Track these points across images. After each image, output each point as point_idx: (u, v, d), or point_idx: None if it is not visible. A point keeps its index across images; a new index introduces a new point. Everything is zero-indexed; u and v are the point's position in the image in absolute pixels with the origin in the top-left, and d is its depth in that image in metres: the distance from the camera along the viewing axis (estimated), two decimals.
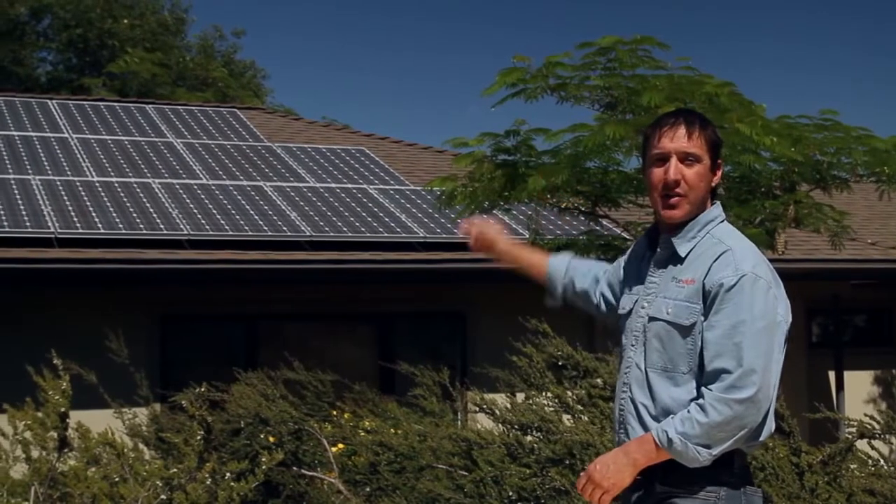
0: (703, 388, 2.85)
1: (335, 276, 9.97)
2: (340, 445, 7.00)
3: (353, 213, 10.67)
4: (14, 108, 13.28)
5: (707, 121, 3.07)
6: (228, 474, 5.64)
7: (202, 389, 6.18)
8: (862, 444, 4.93)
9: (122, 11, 28.14)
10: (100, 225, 9.44)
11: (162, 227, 9.60)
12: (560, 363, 5.60)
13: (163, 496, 5.34)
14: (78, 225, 9.38)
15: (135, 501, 5.22)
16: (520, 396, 5.70)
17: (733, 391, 2.80)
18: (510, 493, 5.14)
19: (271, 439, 7.02)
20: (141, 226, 9.56)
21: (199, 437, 5.71)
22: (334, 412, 7.51)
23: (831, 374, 12.26)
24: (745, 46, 55.58)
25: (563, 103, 7.51)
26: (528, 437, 5.29)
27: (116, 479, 5.54)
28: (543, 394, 5.48)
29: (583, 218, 8.27)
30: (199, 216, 9.99)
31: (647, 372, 2.98)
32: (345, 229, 10.18)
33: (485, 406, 5.49)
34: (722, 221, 3.04)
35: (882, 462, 5.00)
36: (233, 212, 10.23)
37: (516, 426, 5.36)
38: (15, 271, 8.96)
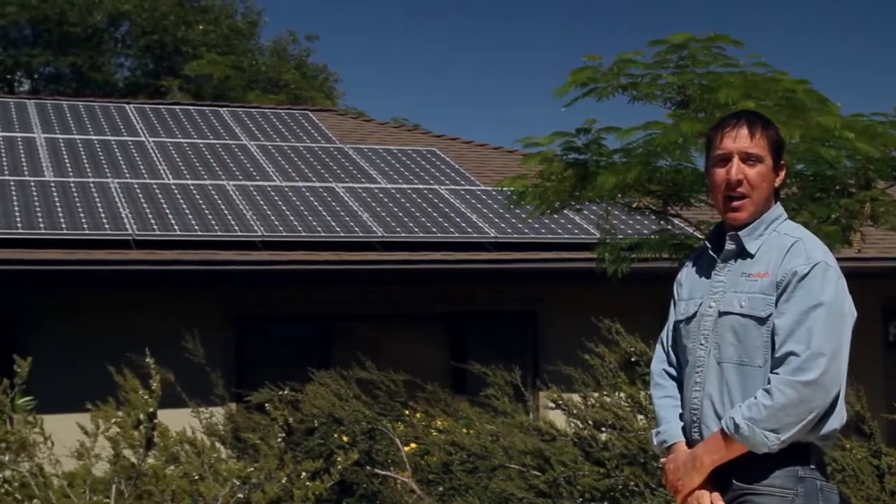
0: (770, 374, 2.86)
1: (407, 277, 10.03)
2: (413, 445, 7.03)
3: (424, 213, 10.71)
4: (93, 113, 13.56)
5: (769, 121, 3.07)
6: (304, 473, 5.70)
7: (285, 392, 6.20)
8: None
9: (197, 16, 28.58)
10: (176, 227, 9.60)
11: (236, 228, 9.73)
12: (633, 359, 5.56)
13: (240, 495, 5.42)
14: (155, 227, 9.56)
15: (214, 500, 5.30)
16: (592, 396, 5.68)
17: (799, 373, 2.80)
18: (584, 493, 5.13)
19: (345, 438, 7.08)
20: (216, 227, 9.70)
21: (279, 439, 5.76)
22: (407, 412, 7.54)
23: None
24: (793, 42, 54.60)
25: (634, 102, 7.45)
26: (603, 436, 5.28)
27: (196, 477, 5.62)
28: (617, 393, 5.46)
29: (654, 217, 8.20)
30: (273, 217, 10.11)
31: (722, 367, 2.98)
32: (416, 230, 10.23)
33: (560, 402, 5.48)
34: (785, 219, 3.07)
35: None
36: (305, 213, 10.33)
37: (590, 422, 5.35)
38: (95, 273, 9.16)
